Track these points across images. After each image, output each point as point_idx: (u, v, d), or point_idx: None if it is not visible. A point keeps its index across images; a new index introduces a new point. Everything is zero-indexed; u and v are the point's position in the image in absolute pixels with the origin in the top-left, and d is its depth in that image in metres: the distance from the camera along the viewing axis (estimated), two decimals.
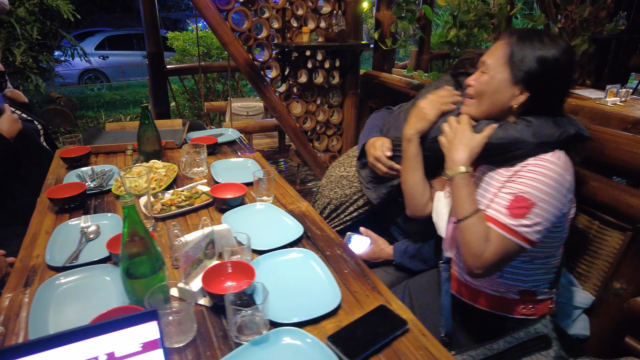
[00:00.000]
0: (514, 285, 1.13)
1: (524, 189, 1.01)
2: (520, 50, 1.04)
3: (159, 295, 0.86)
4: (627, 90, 2.71)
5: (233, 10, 2.32)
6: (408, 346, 0.86)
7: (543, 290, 1.15)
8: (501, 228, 1.01)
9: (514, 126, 1.07)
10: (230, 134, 2.15)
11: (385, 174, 1.42)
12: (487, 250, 1.01)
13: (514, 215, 1.00)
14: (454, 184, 1.10)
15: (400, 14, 2.18)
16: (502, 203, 1.03)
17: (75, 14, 5.36)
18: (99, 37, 10.08)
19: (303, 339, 0.83)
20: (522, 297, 1.13)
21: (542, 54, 1.02)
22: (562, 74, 1.05)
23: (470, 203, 1.07)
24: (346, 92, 2.88)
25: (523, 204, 0.99)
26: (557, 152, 1.04)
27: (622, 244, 1.26)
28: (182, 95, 5.16)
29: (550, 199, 0.99)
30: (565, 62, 1.03)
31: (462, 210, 1.07)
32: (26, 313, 0.92)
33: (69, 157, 1.69)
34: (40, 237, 1.22)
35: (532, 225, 0.99)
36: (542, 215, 0.99)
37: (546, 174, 1.00)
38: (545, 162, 1.02)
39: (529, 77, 1.04)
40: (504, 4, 1.80)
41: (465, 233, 1.05)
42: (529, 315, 1.14)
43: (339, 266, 1.11)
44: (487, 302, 1.17)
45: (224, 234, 1.09)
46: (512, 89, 1.07)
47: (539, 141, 1.03)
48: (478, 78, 1.12)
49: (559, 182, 1.00)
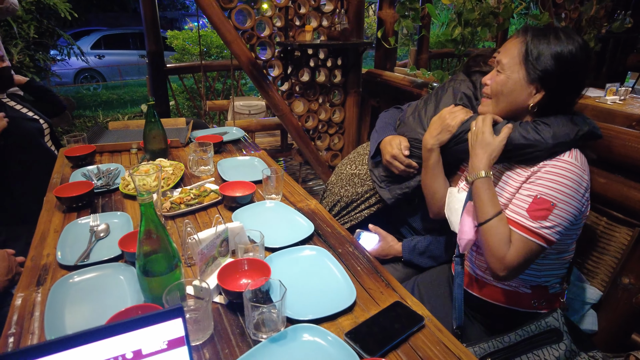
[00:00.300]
0: (527, 280, 1.14)
1: (544, 190, 1.01)
2: (535, 48, 1.04)
3: (176, 293, 0.86)
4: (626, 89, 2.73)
5: (236, 9, 2.32)
6: (425, 341, 0.86)
7: (555, 285, 1.15)
8: (522, 230, 1.02)
9: (532, 126, 1.07)
10: (235, 132, 2.14)
11: (402, 172, 1.42)
12: (510, 252, 1.02)
13: (534, 218, 1.01)
14: (475, 188, 1.10)
15: (404, 13, 2.18)
16: (522, 205, 1.04)
17: (73, 13, 5.32)
18: (94, 36, 10.00)
19: (322, 335, 0.83)
20: (534, 292, 1.14)
21: (558, 50, 1.02)
22: (579, 71, 1.05)
23: (491, 206, 1.06)
24: (348, 91, 2.88)
25: (544, 206, 1.00)
26: (574, 151, 1.05)
27: (630, 240, 1.27)
28: (182, 95, 5.14)
29: (570, 199, 1.00)
30: (582, 58, 1.03)
31: (483, 213, 1.07)
32: (39, 312, 0.92)
33: (74, 156, 1.68)
34: (49, 236, 1.21)
35: (553, 227, 1.00)
36: (562, 217, 1.00)
37: (565, 175, 1.01)
38: (564, 163, 1.02)
39: (545, 75, 1.04)
40: (509, 3, 1.81)
41: (487, 235, 1.05)
42: (540, 309, 1.15)
43: (351, 263, 1.12)
44: (499, 296, 1.17)
45: (238, 231, 1.09)
46: (529, 88, 1.07)
47: (557, 142, 1.03)
48: (494, 77, 1.12)
49: (577, 182, 1.01)
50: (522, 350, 1.06)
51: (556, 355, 1.01)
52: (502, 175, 1.16)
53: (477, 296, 1.21)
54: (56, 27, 5.59)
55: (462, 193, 1.21)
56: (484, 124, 1.12)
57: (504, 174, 1.15)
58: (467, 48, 1.99)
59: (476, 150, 1.11)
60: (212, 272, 1.01)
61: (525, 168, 1.09)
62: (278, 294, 0.87)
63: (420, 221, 1.51)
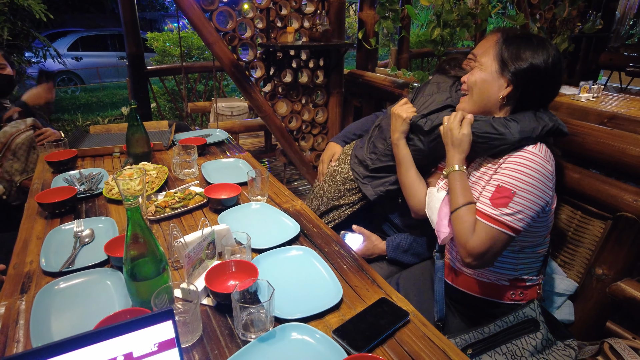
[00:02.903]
0: (504, 274, 1.18)
1: (504, 179, 1.07)
2: (508, 49, 1.10)
3: (164, 296, 0.87)
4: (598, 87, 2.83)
5: (217, 11, 2.31)
6: (410, 336, 0.89)
7: (531, 277, 1.20)
8: (485, 218, 1.06)
9: (502, 121, 1.12)
10: (218, 134, 2.14)
11: None
12: (472, 239, 1.06)
13: (496, 205, 1.05)
14: (450, 180, 1.17)
15: (384, 14, 2.21)
16: (486, 195, 1.09)
17: (48, 14, 5.20)
18: (71, 37, 9.76)
19: (310, 333, 0.85)
20: (512, 284, 1.19)
21: (530, 56, 1.08)
22: (548, 78, 1.10)
23: (462, 196, 1.12)
24: (331, 91, 2.90)
25: (505, 194, 1.04)
26: (539, 145, 1.10)
27: (603, 232, 1.32)
28: (163, 97, 5.09)
29: (531, 187, 1.04)
30: (552, 66, 1.08)
31: (454, 203, 1.13)
32: (24, 320, 0.91)
33: (55, 161, 1.66)
34: (32, 243, 1.20)
35: (514, 214, 1.04)
36: (523, 204, 1.04)
37: (526, 164, 1.06)
38: (527, 153, 1.08)
39: (517, 73, 1.10)
40: (486, 4, 1.86)
41: (455, 223, 1.11)
42: (518, 301, 1.19)
43: (337, 262, 1.14)
44: (479, 288, 1.22)
45: (224, 233, 1.10)
46: (500, 80, 1.13)
47: (523, 136, 1.08)
48: (472, 73, 1.19)
49: (539, 172, 1.05)
50: (502, 340, 1.10)
51: (533, 344, 1.05)
52: (476, 172, 1.21)
53: (458, 288, 1.25)
54: (31, 29, 5.46)
55: (441, 192, 1.25)
56: (453, 121, 1.18)
57: (479, 170, 1.20)
58: (446, 48, 2.04)
59: (448, 147, 1.20)
60: (199, 274, 1.02)
61: (495, 162, 1.15)
62: (266, 294, 0.88)
63: (401, 218, 1.54)
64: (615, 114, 1.81)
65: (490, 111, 1.18)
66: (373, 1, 2.82)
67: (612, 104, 2.42)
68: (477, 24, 1.94)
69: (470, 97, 1.20)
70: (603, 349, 1.13)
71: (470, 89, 1.19)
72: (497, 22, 9.22)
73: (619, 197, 1.27)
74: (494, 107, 1.17)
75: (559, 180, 1.42)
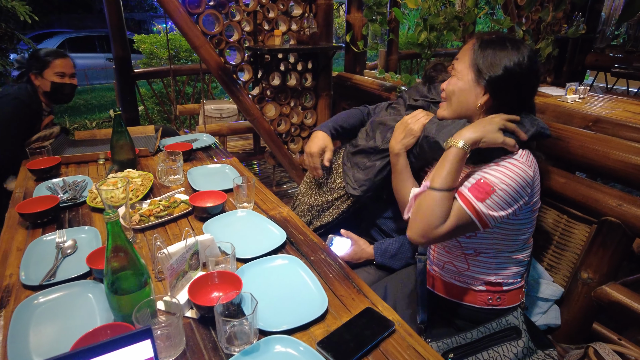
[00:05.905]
0: (479, 278, 1.18)
1: (487, 175, 1.04)
2: (482, 56, 1.09)
3: (146, 310, 0.85)
4: (584, 88, 2.86)
5: (204, 14, 2.29)
6: (395, 347, 0.89)
7: (509, 281, 1.19)
8: (464, 201, 1.03)
9: None
10: (205, 139, 2.12)
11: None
12: (444, 225, 1.02)
13: (475, 197, 1.03)
14: (448, 154, 1.06)
15: (372, 17, 2.21)
16: (466, 185, 1.06)
17: (33, 16, 5.12)
18: (58, 39, 9.62)
19: (294, 346, 0.84)
20: (488, 289, 1.18)
21: (504, 62, 1.07)
22: (523, 80, 1.09)
23: (450, 180, 1.04)
24: (319, 94, 2.90)
25: (486, 189, 1.02)
26: (524, 152, 1.09)
27: (588, 236, 1.34)
28: (151, 100, 5.03)
29: (510, 189, 1.02)
30: (527, 68, 1.07)
31: (437, 181, 1.05)
32: (2, 337, 0.89)
33: (38, 169, 1.63)
34: (12, 255, 1.17)
35: (489, 211, 1.02)
36: (499, 204, 1.02)
37: (509, 167, 1.04)
38: (512, 158, 1.06)
39: (491, 81, 1.08)
40: (472, 7, 1.86)
41: (430, 202, 1.04)
42: (496, 306, 1.19)
43: (323, 270, 1.13)
44: (456, 293, 1.22)
45: (208, 244, 1.09)
46: (476, 89, 1.12)
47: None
48: (449, 81, 1.18)
49: (520, 176, 1.03)
50: (483, 347, 1.10)
51: (514, 352, 1.05)
52: (466, 168, 1.19)
53: (437, 293, 1.26)
54: (15, 31, 5.37)
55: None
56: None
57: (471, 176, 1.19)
58: (433, 51, 2.05)
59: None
60: (182, 286, 1.00)
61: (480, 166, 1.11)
62: (249, 307, 0.87)
63: (389, 222, 1.54)
64: (599, 118, 1.83)
65: (470, 119, 1.18)
66: (361, 4, 2.82)
67: (597, 105, 2.45)
68: (465, 27, 1.95)
69: (449, 105, 1.20)
70: (588, 353, 1.14)
71: (448, 98, 1.19)
72: (485, 23, 9.29)
73: (603, 201, 1.28)
74: (473, 114, 1.17)
75: (545, 185, 1.42)
